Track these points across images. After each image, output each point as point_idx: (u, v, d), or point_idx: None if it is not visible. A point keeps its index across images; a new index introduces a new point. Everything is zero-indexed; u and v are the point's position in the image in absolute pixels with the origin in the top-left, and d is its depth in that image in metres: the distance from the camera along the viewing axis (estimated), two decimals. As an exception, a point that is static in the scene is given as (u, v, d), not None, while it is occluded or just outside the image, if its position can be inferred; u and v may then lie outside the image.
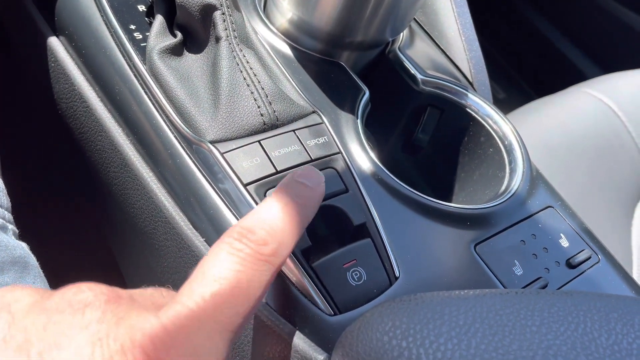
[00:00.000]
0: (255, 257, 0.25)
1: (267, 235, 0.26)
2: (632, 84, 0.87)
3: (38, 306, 0.23)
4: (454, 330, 0.26)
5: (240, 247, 0.25)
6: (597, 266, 0.42)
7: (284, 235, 0.27)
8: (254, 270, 0.25)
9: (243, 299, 0.24)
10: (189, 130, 0.36)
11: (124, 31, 0.40)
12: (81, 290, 0.23)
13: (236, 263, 0.25)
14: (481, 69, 0.54)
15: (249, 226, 0.26)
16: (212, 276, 0.24)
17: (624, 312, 0.29)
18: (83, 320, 0.22)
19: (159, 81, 0.38)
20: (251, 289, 0.25)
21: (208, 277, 0.24)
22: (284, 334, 0.32)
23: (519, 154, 0.45)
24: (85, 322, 0.22)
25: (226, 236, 0.26)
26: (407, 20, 0.46)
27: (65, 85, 0.43)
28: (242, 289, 0.24)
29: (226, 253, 0.25)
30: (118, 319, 0.22)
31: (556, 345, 0.26)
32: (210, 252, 0.26)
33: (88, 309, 0.22)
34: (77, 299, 0.22)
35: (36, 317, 0.22)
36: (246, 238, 0.26)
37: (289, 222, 0.27)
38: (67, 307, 0.22)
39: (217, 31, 0.38)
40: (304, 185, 0.30)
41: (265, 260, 0.26)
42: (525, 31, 1.49)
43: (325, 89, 0.43)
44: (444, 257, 0.37)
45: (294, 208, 0.28)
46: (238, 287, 0.24)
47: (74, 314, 0.22)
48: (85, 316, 0.22)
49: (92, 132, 0.42)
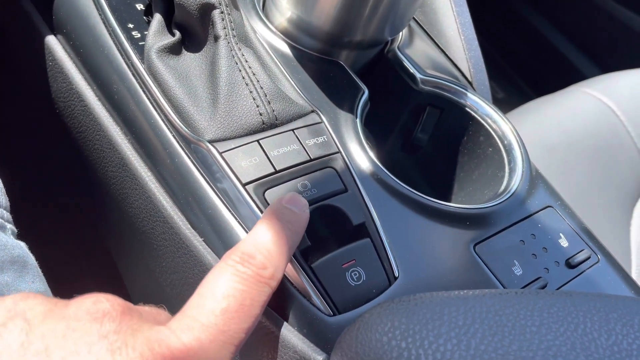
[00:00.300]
0: (257, 280, 0.28)
1: (266, 260, 0.28)
2: (631, 84, 0.87)
3: (55, 314, 0.23)
4: (454, 331, 0.26)
5: (243, 270, 0.27)
6: (596, 266, 0.42)
7: (279, 259, 0.29)
8: (256, 290, 0.27)
9: (247, 316, 0.26)
10: (188, 129, 0.36)
11: (122, 30, 0.40)
12: (99, 300, 0.24)
13: (241, 283, 0.27)
14: (480, 68, 0.54)
15: (250, 252, 0.28)
16: (221, 294, 0.26)
17: (624, 312, 0.29)
18: (102, 330, 0.23)
19: (157, 80, 0.37)
20: (253, 308, 0.27)
21: (217, 295, 0.26)
22: (283, 334, 0.32)
23: (518, 154, 0.45)
24: (104, 331, 0.23)
25: (229, 259, 0.28)
26: (406, 19, 0.46)
27: (63, 84, 0.43)
28: (246, 307, 0.26)
29: (231, 274, 0.27)
30: (133, 330, 0.23)
31: (556, 345, 0.26)
32: (215, 271, 0.28)
33: (106, 318, 0.23)
34: (96, 308, 0.24)
35: (55, 324, 0.23)
36: (248, 262, 0.28)
37: (282, 247, 0.30)
38: (86, 315, 0.23)
39: (216, 30, 0.38)
40: (292, 211, 0.32)
41: (265, 283, 0.28)
42: (524, 31, 1.49)
43: (324, 88, 0.43)
44: (444, 257, 0.37)
45: (285, 234, 0.30)
46: (243, 305, 0.26)
47: (92, 322, 0.23)
48: (104, 326, 0.23)
49: (90, 131, 0.42)
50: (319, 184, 0.36)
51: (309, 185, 0.35)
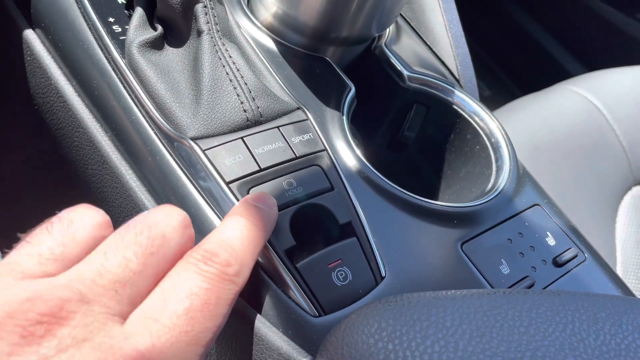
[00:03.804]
0: (222, 277, 0.26)
1: (230, 257, 0.27)
2: (616, 82, 0.88)
3: None
4: (441, 332, 0.25)
5: (206, 269, 0.26)
6: (583, 264, 0.42)
7: (245, 257, 0.28)
8: (221, 288, 0.26)
9: (212, 315, 0.25)
10: (170, 126, 0.35)
11: (102, 24, 0.39)
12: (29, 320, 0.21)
13: (204, 282, 0.26)
14: (468, 65, 0.54)
15: (213, 249, 0.27)
16: (184, 292, 0.25)
17: (612, 311, 0.28)
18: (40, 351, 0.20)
19: (139, 76, 0.36)
20: (219, 307, 0.26)
21: (179, 294, 0.25)
22: (267, 336, 0.31)
23: (505, 152, 0.45)
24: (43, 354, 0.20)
25: (190, 257, 0.27)
26: (393, 15, 0.45)
27: (42, 79, 0.42)
28: (211, 306, 0.25)
29: (194, 272, 0.26)
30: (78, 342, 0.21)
31: (544, 346, 0.25)
32: (177, 269, 0.26)
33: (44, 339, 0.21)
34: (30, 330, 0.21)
35: None
36: (211, 260, 0.26)
37: (248, 244, 0.28)
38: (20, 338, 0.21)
39: (199, 24, 0.37)
40: (259, 208, 0.31)
41: (230, 280, 0.27)
42: (511, 29, 1.50)
43: (310, 84, 0.42)
44: (431, 256, 0.37)
45: (252, 230, 0.29)
46: (207, 304, 0.25)
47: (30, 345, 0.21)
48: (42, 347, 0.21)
49: (69, 127, 0.41)
50: (304, 182, 0.35)
51: (295, 183, 0.35)
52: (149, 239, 0.26)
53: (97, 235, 0.26)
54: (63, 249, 0.25)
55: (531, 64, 1.47)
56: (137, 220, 0.27)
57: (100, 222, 0.27)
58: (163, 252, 0.26)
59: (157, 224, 0.27)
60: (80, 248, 0.25)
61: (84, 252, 0.25)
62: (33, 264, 0.24)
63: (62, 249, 0.25)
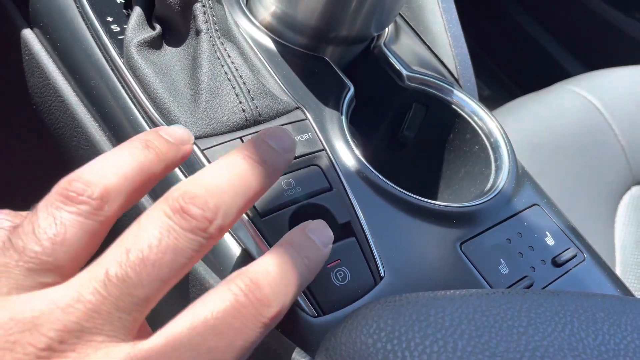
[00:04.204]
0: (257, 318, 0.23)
1: (272, 295, 0.24)
2: (615, 82, 0.88)
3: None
4: (440, 332, 0.25)
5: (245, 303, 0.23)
6: (582, 264, 0.42)
7: (286, 299, 0.25)
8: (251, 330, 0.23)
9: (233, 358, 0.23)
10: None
11: (100, 23, 0.39)
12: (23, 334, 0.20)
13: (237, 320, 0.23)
14: (467, 65, 0.54)
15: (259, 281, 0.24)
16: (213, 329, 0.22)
17: (611, 312, 0.28)
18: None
19: (137, 75, 0.36)
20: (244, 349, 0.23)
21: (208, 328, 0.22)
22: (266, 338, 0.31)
23: (504, 151, 0.45)
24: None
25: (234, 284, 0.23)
26: (392, 15, 0.45)
27: (40, 79, 0.42)
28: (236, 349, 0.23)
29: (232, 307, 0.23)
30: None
31: (543, 346, 0.25)
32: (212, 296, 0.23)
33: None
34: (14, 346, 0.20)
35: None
36: (253, 294, 0.23)
37: (293, 284, 0.25)
38: None
39: (198, 24, 0.37)
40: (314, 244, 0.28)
41: (263, 323, 0.23)
42: (510, 29, 1.50)
43: (309, 84, 0.42)
44: (430, 256, 0.37)
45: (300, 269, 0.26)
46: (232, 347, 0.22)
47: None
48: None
49: (68, 127, 0.41)
50: (303, 182, 0.35)
51: (293, 183, 0.35)
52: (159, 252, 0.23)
53: (92, 229, 0.23)
54: (54, 258, 0.22)
55: (530, 64, 1.47)
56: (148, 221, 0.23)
57: (94, 210, 0.23)
58: (173, 270, 0.23)
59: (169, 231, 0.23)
60: (74, 250, 0.23)
61: (78, 253, 0.23)
62: (25, 275, 0.22)
63: (52, 258, 0.22)
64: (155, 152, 0.26)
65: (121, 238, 0.23)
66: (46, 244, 0.22)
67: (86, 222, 0.23)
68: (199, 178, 0.25)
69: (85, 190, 0.23)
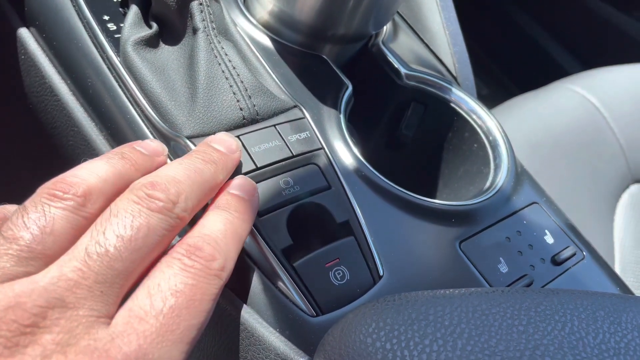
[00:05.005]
0: (206, 272, 0.26)
1: (214, 250, 0.27)
2: (613, 80, 0.88)
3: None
4: (440, 332, 0.25)
5: (190, 264, 0.26)
6: (582, 263, 0.42)
7: (229, 250, 0.27)
8: (206, 284, 0.26)
9: (197, 312, 0.25)
10: (165, 125, 0.35)
11: (97, 22, 0.38)
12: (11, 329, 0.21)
13: (189, 277, 0.25)
14: (465, 63, 0.54)
15: (196, 243, 0.26)
16: (169, 290, 0.24)
17: (611, 310, 0.28)
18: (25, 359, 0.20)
19: (134, 74, 0.36)
20: (204, 303, 0.25)
21: (164, 292, 0.24)
22: (264, 336, 0.31)
23: (503, 150, 0.45)
24: None
25: (174, 252, 0.26)
26: (390, 13, 0.45)
27: (36, 78, 0.42)
28: (196, 302, 0.25)
29: (178, 268, 0.25)
30: (62, 347, 0.21)
31: (543, 345, 0.25)
32: (160, 266, 0.26)
33: (28, 348, 0.21)
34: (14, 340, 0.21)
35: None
36: (195, 255, 0.26)
37: (231, 236, 0.28)
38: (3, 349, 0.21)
39: (195, 22, 0.37)
40: (240, 197, 0.30)
41: (215, 275, 0.26)
42: (508, 27, 1.50)
43: (307, 82, 0.42)
44: (429, 255, 0.36)
45: (234, 222, 0.29)
46: (192, 301, 0.25)
47: (13, 355, 0.20)
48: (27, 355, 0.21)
49: (64, 127, 0.40)
50: (301, 181, 0.35)
51: (292, 182, 0.35)
52: (132, 229, 0.25)
53: (77, 223, 0.25)
54: (43, 246, 0.23)
55: (529, 62, 1.47)
56: (118, 207, 0.26)
57: (79, 206, 0.25)
58: (148, 244, 0.25)
59: (139, 212, 0.25)
60: (61, 241, 0.24)
61: (65, 244, 0.24)
62: (12, 264, 0.23)
63: (41, 246, 0.23)
64: (130, 162, 0.29)
65: (95, 224, 0.25)
66: (36, 233, 0.23)
67: (72, 216, 0.25)
68: (158, 173, 0.28)
69: (70, 189, 0.25)
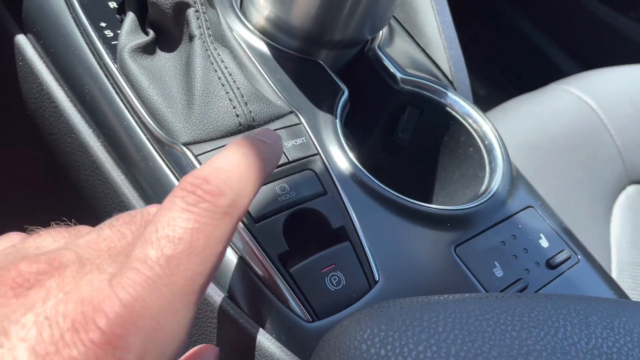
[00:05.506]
0: (212, 211, 0.23)
1: (224, 184, 0.24)
2: (610, 81, 0.88)
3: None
4: (433, 338, 0.25)
5: (194, 201, 0.23)
6: (576, 266, 0.42)
7: (242, 184, 0.24)
8: (212, 225, 0.23)
9: (202, 259, 0.22)
10: (162, 131, 0.35)
11: (94, 29, 0.39)
12: (21, 272, 0.21)
13: (191, 220, 0.22)
14: (461, 67, 0.54)
15: (204, 175, 0.24)
16: (166, 237, 0.22)
17: (604, 315, 0.29)
18: (27, 302, 0.20)
19: (131, 81, 0.36)
20: (210, 247, 0.23)
21: (161, 238, 0.22)
22: (260, 341, 0.31)
23: (499, 154, 0.45)
24: (30, 303, 0.20)
25: (178, 189, 0.23)
26: (386, 18, 0.45)
27: (33, 85, 0.42)
28: (199, 248, 0.22)
29: (180, 209, 0.23)
30: (66, 293, 0.20)
31: (536, 350, 0.25)
32: (162, 207, 0.23)
33: (32, 290, 0.20)
34: (19, 282, 0.21)
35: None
36: (200, 189, 0.23)
37: (247, 170, 0.25)
38: (9, 290, 0.20)
39: (191, 29, 0.37)
40: (263, 141, 0.28)
41: (224, 213, 0.23)
42: (505, 28, 1.50)
43: (303, 88, 0.42)
44: (424, 260, 0.37)
45: (252, 158, 0.26)
46: (195, 247, 0.22)
47: (18, 297, 0.20)
48: (30, 297, 0.20)
49: (62, 133, 0.41)
50: (297, 187, 0.35)
51: (288, 188, 0.35)
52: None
53: None
54: None
55: (525, 63, 1.47)
56: None
57: None
58: None
59: None
60: None
61: None
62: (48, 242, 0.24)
63: None
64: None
65: None
66: None
67: None
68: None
69: None
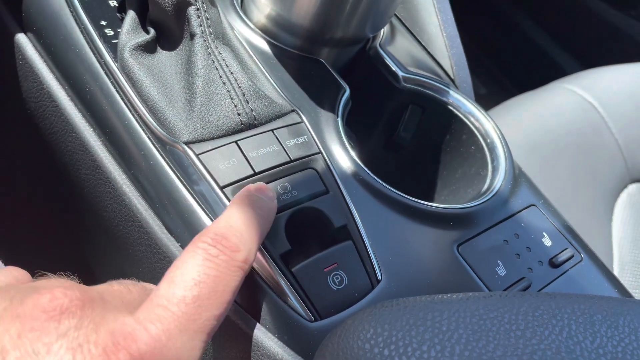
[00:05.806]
0: (230, 263, 0.27)
1: (239, 242, 0.28)
2: (612, 80, 0.88)
3: (9, 313, 0.22)
4: (437, 337, 0.25)
5: (215, 254, 0.26)
6: (579, 265, 0.42)
7: (252, 243, 0.28)
8: (229, 275, 0.26)
9: (219, 303, 0.25)
10: (163, 130, 0.35)
11: (94, 27, 0.38)
12: (56, 296, 0.23)
13: (213, 268, 0.26)
14: (463, 65, 0.54)
15: (223, 233, 0.27)
16: (192, 280, 0.25)
17: (608, 313, 0.28)
18: (60, 328, 0.22)
19: (131, 79, 0.36)
20: (226, 294, 0.26)
21: (188, 281, 0.25)
22: (262, 341, 0.31)
23: (501, 152, 0.45)
24: (63, 329, 0.22)
25: (200, 241, 0.27)
26: (387, 16, 0.45)
27: (34, 83, 0.42)
28: (219, 293, 0.25)
29: (203, 258, 0.26)
30: (96, 324, 0.22)
31: (541, 350, 0.25)
32: (186, 254, 0.26)
33: (64, 316, 0.22)
34: (53, 306, 0.22)
35: (9, 324, 0.22)
36: (221, 244, 0.27)
37: (255, 230, 0.29)
38: (42, 313, 0.22)
39: (192, 27, 0.37)
40: (261, 198, 0.31)
41: (238, 267, 0.27)
42: (506, 27, 1.50)
43: (304, 86, 0.42)
44: (427, 259, 0.37)
45: (257, 218, 0.30)
46: (215, 292, 0.25)
47: (50, 320, 0.22)
48: (62, 323, 0.22)
49: (62, 132, 0.40)
50: (299, 186, 0.35)
51: (290, 187, 0.35)
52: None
53: None
54: None
55: (527, 62, 1.47)
56: None
57: None
58: None
59: None
60: None
61: None
62: None
63: None
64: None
65: None
66: None
67: None
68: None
69: None
